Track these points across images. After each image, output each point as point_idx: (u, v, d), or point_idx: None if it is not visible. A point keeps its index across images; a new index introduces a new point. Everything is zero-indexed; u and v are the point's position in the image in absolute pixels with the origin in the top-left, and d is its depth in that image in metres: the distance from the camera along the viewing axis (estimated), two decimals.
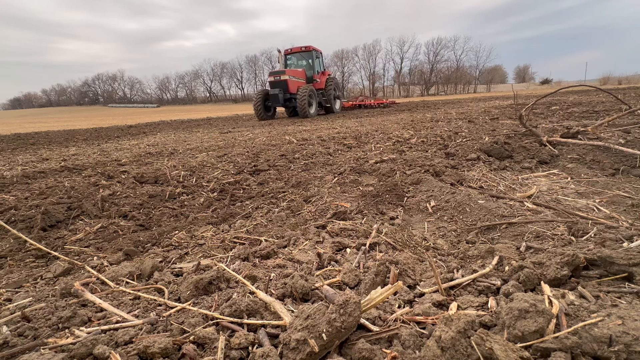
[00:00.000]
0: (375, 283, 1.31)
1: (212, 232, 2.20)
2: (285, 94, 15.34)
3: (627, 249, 1.30)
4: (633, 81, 47.56)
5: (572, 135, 4.01)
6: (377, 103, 20.98)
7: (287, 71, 15.26)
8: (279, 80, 15.08)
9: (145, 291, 1.44)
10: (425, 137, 5.27)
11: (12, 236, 2.19)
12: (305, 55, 17.82)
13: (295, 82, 15.64)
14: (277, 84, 15.16)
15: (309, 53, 17.56)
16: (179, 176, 3.69)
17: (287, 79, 15.02)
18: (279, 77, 15.10)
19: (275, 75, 15.22)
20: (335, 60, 79.38)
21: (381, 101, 21.68)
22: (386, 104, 21.18)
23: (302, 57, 17.88)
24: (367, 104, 20.89)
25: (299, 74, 16.38)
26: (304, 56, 17.86)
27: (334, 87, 18.38)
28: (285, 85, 15.07)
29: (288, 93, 15.35)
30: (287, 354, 0.92)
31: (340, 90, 19.77)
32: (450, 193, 2.53)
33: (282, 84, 15.06)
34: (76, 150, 6.90)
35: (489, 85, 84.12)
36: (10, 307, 1.36)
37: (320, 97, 17.02)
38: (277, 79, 15.11)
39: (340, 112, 18.99)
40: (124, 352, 0.98)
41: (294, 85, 15.36)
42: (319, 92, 17.03)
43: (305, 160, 4.25)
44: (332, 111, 18.13)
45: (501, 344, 0.84)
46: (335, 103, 18.95)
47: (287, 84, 15.07)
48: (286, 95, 15.39)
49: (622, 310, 0.93)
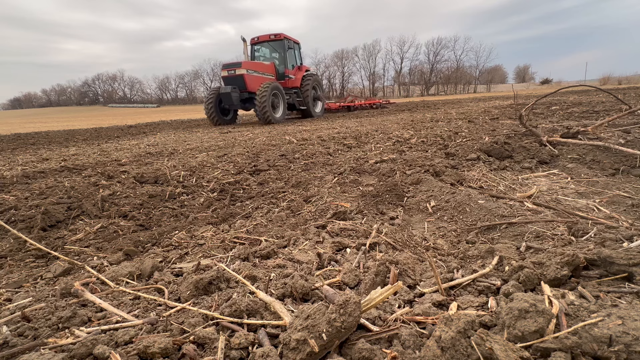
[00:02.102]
0: (375, 283, 1.31)
1: (212, 232, 2.20)
2: (243, 92, 12.09)
3: (627, 249, 1.30)
4: (633, 81, 47.57)
5: (572, 135, 4.01)
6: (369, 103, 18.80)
7: (243, 63, 11.93)
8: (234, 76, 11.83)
9: (145, 291, 1.44)
10: (425, 137, 5.27)
11: (12, 236, 2.19)
12: (276, 46, 14.29)
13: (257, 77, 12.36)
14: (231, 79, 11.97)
15: (279, 43, 14.07)
16: (179, 176, 3.69)
17: (243, 74, 11.72)
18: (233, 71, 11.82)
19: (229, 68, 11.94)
20: (335, 60, 79.49)
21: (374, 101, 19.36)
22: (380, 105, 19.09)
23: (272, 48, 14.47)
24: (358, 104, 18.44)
25: (265, 68, 13.14)
26: (275, 47, 14.34)
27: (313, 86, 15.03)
28: (242, 82, 11.86)
29: (246, 91, 12.06)
30: (287, 354, 0.92)
31: (322, 90, 16.32)
32: (450, 193, 2.53)
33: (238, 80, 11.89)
34: (76, 150, 6.90)
35: (489, 85, 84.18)
36: (10, 307, 1.36)
37: (293, 97, 13.89)
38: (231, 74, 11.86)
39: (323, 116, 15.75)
40: (124, 352, 0.98)
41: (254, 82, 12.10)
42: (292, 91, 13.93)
43: (305, 160, 4.25)
44: (310, 114, 14.82)
45: (501, 344, 0.84)
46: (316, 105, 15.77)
47: (244, 80, 11.82)
48: (244, 95, 12.12)
49: (622, 310, 0.93)
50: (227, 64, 12.14)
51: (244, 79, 11.87)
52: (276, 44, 14.33)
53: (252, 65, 12.51)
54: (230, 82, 12.03)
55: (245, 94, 12.26)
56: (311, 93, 14.87)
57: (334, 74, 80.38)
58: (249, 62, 12.58)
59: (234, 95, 11.80)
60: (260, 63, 13.22)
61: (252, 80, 12.15)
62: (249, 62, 12.43)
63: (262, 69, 13.09)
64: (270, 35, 13.96)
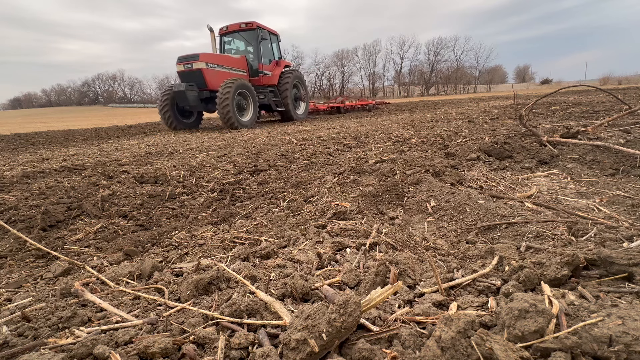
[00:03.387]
0: (375, 283, 1.31)
1: (212, 232, 2.20)
2: (203, 91, 10.16)
3: (627, 249, 1.30)
4: (633, 81, 47.58)
5: (572, 135, 4.01)
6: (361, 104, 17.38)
7: (202, 55, 9.86)
8: (190, 71, 9.84)
9: (145, 291, 1.44)
10: (425, 137, 5.27)
11: (12, 236, 2.19)
12: (248, 37, 12.15)
13: (220, 73, 10.42)
14: (188, 75, 9.98)
15: (252, 33, 11.92)
16: (179, 176, 3.69)
17: (202, 68, 9.73)
18: (189, 64, 9.81)
19: (185, 61, 9.90)
20: (335, 60, 79.53)
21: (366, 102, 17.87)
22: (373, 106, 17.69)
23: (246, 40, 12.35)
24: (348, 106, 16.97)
25: (232, 62, 11.22)
26: (247, 38, 12.21)
27: (294, 84, 13.14)
28: (201, 78, 9.89)
29: (207, 89, 10.14)
30: (287, 354, 0.92)
31: (305, 89, 14.23)
32: (450, 193, 2.53)
33: (196, 76, 9.88)
34: (76, 150, 6.90)
35: (489, 85, 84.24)
36: (10, 307, 1.36)
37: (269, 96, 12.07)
38: (187, 68, 9.86)
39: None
40: (124, 352, 0.98)
41: (216, 78, 10.13)
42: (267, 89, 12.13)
43: (305, 160, 4.25)
44: (290, 117, 12.94)
45: (501, 344, 0.84)
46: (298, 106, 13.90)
47: (204, 76, 9.84)
48: (204, 94, 10.18)
49: (622, 310, 0.93)
50: (183, 56, 10.06)
51: (203, 75, 9.88)
52: (248, 35, 12.14)
53: (213, 58, 10.45)
54: (186, 78, 10.06)
55: (205, 93, 10.21)
56: (291, 92, 12.94)
57: (334, 74, 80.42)
58: (210, 54, 10.47)
59: (191, 94, 9.81)
60: (225, 56, 11.21)
61: (214, 75, 10.15)
62: (209, 54, 10.37)
63: (229, 62, 11.03)
64: (241, 24, 11.80)
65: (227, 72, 10.87)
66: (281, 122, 13.14)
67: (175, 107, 10.61)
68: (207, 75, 10.03)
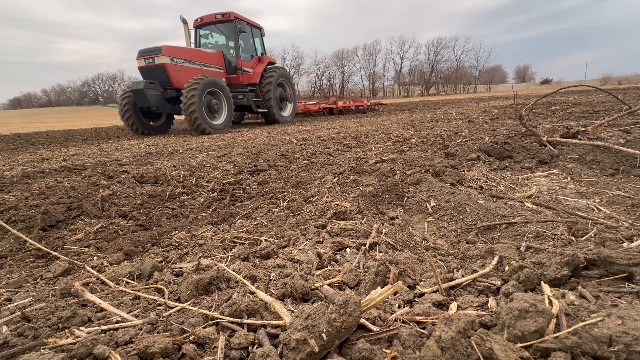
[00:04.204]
0: (375, 283, 1.31)
1: (212, 232, 2.20)
2: (167, 90, 8.88)
3: (627, 249, 1.30)
4: (633, 81, 47.59)
5: (572, 135, 4.01)
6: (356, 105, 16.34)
7: (165, 49, 8.58)
8: (152, 66, 8.63)
9: (145, 291, 1.44)
10: (425, 137, 5.27)
11: (12, 236, 2.19)
12: (225, 29, 10.87)
13: (188, 69, 9.05)
14: (149, 71, 8.77)
15: (229, 25, 10.63)
16: (179, 176, 3.69)
17: (164, 64, 8.52)
18: (151, 59, 8.61)
19: (146, 56, 8.68)
20: (336, 60, 79.55)
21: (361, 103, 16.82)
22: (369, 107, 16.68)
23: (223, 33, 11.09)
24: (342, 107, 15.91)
25: (205, 57, 9.92)
26: (224, 30, 10.93)
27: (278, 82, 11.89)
28: (164, 74, 8.63)
29: (172, 88, 8.87)
30: (287, 354, 0.92)
31: (291, 88, 12.91)
32: (450, 193, 2.53)
33: (159, 72, 8.64)
34: (76, 150, 6.90)
35: (489, 85, 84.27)
36: (10, 307, 1.36)
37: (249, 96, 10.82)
38: (149, 64, 8.65)
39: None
40: (124, 352, 0.98)
41: (182, 75, 8.82)
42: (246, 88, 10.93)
43: (305, 160, 4.25)
44: (274, 119, 11.76)
45: (501, 344, 0.84)
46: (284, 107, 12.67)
47: (167, 72, 8.59)
48: (168, 93, 8.89)
49: (622, 310, 0.93)
50: (144, 50, 8.82)
51: (167, 71, 8.60)
52: (225, 27, 10.82)
53: (180, 51, 9.09)
54: (148, 74, 8.84)
55: (171, 92, 8.92)
56: (275, 92, 11.64)
57: (334, 74, 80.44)
58: (175, 47, 9.04)
59: (151, 93, 8.54)
60: (195, 50, 9.94)
61: (180, 72, 8.85)
62: (173, 47, 8.96)
63: (200, 57, 9.70)
64: (217, 14, 10.52)
65: (199, 69, 9.53)
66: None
67: (140, 109, 9.37)
68: (172, 72, 8.72)
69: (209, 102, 8.99)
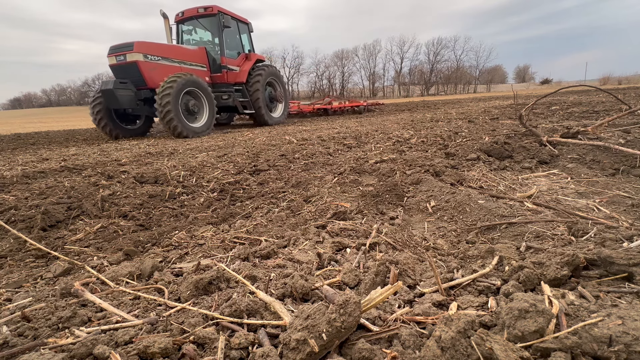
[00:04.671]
0: (375, 283, 1.31)
1: (212, 232, 2.20)
2: (141, 90, 8.20)
3: (627, 249, 1.30)
4: (633, 81, 47.60)
5: (572, 135, 4.01)
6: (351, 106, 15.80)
7: (137, 45, 7.86)
8: (124, 64, 7.95)
9: (145, 291, 1.44)
10: (425, 137, 5.27)
11: (12, 236, 2.19)
12: (208, 24, 10.20)
13: (164, 67, 8.36)
14: (121, 70, 8.09)
15: (212, 20, 9.94)
16: (179, 176, 3.69)
17: (137, 61, 7.84)
18: (122, 56, 7.92)
19: (117, 53, 7.98)
20: (336, 60, 79.58)
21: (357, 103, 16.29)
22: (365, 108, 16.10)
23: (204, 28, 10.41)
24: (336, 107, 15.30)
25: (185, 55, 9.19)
26: (207, 25, 10.26)
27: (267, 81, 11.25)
28: (137, 73, 7.96)
29: (146, 88, 8.20)
30: (287, 354, 0.92)
31: (282, 87, 12.22)
32: (450, 193, 2.53)
33: (131, 71, 7.98)
34: (76, 150, 6.90)
35: (489, 85, 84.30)
36: (10, 307, 1.36)
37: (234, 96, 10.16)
38: (120, 61, 7.98)
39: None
40: (124, 352, 0.98)
41: (158, 73, 8.12)
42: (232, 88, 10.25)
43: (305, 160, 4.25)
44: (263, 121, 11.10)
45: (501, 344, 0.84)
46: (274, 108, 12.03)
47: (140, 71, 7.93)
48: (142, 93, 8.21)
49: (622, 310, 0.93)
50: (115, 46, 8.07)
51: (139, 69, 7.87)
52: (209, 22, 10.09)
53: (155, 48, 8.27)
54: (120, 73, 8.11)
55: (145, 92, 8.18)
56: (264, 92, 10.96)
57: (334, 74, 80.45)
58: (149, 43, 8.23)
59: (122, 93, 7.77)
60: (173, 46, 9.17)
61: (156, 70, 8.11)
62: (147, 43, 8.17)
63: (179, 54, 8.94)
64: (199, 8, 9.81)
65: (178, 67, 8.79)
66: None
67: (115, 111, 8.61)
68: (146, 70, 7.97)
69: (187, 103, 8.28)
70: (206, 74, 9.90)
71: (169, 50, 8.84)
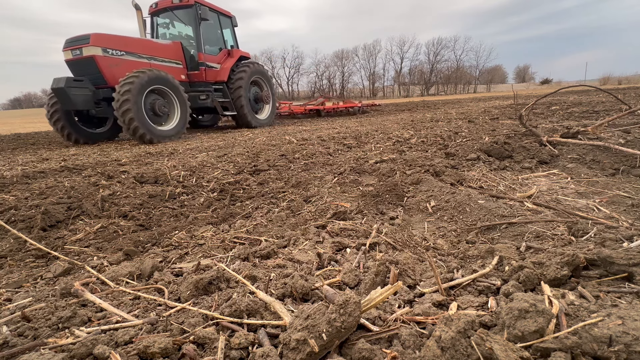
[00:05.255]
0: (375, 283, 1.31)
1: (212, 232, 2.20)
2: (100, 89, 7.26)
3: (627, 249, 1.30)
4: (633, 81, 47.60)
5: (572, 135, 4.01)
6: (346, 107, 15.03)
7: (94, 37, 6.92)
8: (80, 59, 7.00)
9: (145, 291, 1.44)
10: (425, 137, 5.27)
11: (12, 236, 2.19)
12: (185, 17, 9.22)
13: (128, 63, 7.46)
14: (78, 65, 7.15)
15: (188, 11, 9.05)
16: (179, 176, 3.69)
17: (94, 55, 6.90)
18: (78, 50, 6.97)
19: (72, 46, 7.05)
20: (335, 60, 79.58)
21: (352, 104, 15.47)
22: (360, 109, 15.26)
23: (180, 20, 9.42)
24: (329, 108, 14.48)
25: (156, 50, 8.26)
26: (183, 18, 9.28)
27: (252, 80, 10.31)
28: (95, 69, 7.02)
29: (107, 86, 7.27)
30: (287, 354, 0.92)
31: (269, 87, 11.30)
32: (450, 193, 2.53)
33: (89, 67, 7.04)
34: (76, 150, 6.90)
35: (489, 85, 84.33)
36: (10, 307, 1.36)
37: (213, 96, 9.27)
38: (76, 56, 7.01)
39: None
40: (124, 352, 0.98)
41: (120, 70, 7.21)
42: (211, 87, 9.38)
43: (305, 160, 4.25)
44: (247, 124, 10.24)
45: (501, 344, 0.84)
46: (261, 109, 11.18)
47: (99, 66, 6.98)
48: (102, 92, 7.27)
49: (622, 310, 0.93)
50: (71, 39, 7.12)
51: (97, 64, 6.93)
52: (185, 15, 9.10)
53: (116, 41, 7.33)
54: (77, 69, 7.21)
55: (105, 91, 7.24)
56: (247, 91, 10.02)
57: (334, 74, 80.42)
58: (109, 35, 7.28)
59: (76, 92, 6.82)
60: (141, 40, 8.22)
61: (117, 66, 7.20)
62: (107, 36, 7.21)
63: (148, 49, 8.00)
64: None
65: (146, 63, 7.89)
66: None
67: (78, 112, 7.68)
68: (105, 66, 7.01)
69: (154, 103, 7.33)
70: (182, 72, 9.06)
71: (135, 44, 7.82)
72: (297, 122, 12.62)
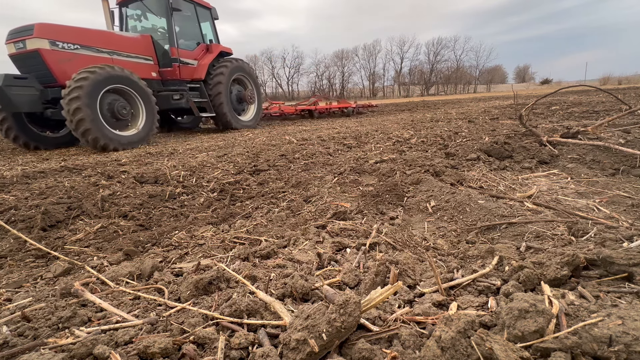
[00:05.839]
0: (375, 283, 1.31)
1: (212, 232, 2.20)
2: (48, 88, 6.22)
3: (627, 249, 1.30)
4: (633, 81, 47.59)
5: (572, 135, 4.01)
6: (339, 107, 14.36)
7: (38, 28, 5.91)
8: (23, 53, 6.03)
9: (145, 291, 1.44)
10: (425, 137, 5.27)
11: (12, 236, 2.19)
12: (155, 7, 8.29)
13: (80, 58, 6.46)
14: (21, 60, 6.25)
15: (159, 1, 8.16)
16: (179, 176, 3.69)
17: (39, 49, 5.93)
18: (21, 43, 6.00)
19: (15, 38, 6.06)
20: (335, 60, 79.55)
21: (346, 104, 14.73)
22: (354, 110, 14.45)
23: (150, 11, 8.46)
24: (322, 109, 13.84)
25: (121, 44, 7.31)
26: (154, 8, 8.33)
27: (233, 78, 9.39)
28: (41, 65, 6.07)
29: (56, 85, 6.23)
30: (287, 354, 0.92)
31: (253, 85, 10.36)
32: (450, 193, 2.53)
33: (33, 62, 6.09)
34: (76, 150, 6.89)
35: (489, 85, 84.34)
36: (10, 307, 1.36)
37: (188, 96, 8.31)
38: (20, 50, 6.05)
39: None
40: (124, 352, 0.98)
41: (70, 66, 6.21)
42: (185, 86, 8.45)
43: (305, 160, 4.25)
44: (228, 125, 9.38)
45: (501, 344, 0.84)
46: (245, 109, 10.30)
47: (45, 61, 6.02)
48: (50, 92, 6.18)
49: (622, 310, 0.93)
50: (14, 31, 6.13)
51: (44, 60, 5.98)
52: (157, 5, 8.17)
53: (68, 33, 6.31)
54: (22, 65, 6.30)
55: (55, 91, 6.15)
56: (227, 90, 9.03)
57: (334, 74, 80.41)
58: (58, 25, 6.26)
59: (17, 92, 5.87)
60: (100, 32, 7.11)
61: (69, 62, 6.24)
62: (55, 26, 6.20)
63: (110, 43, 7.04)
64: None
65: (108, 58, 6.86)
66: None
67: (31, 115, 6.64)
68: (53, 62, 6.04)
69: (113, 104, 6.33)
70: (153, 69, 8.01)
71: (93, 36, 6.69)
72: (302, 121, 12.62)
